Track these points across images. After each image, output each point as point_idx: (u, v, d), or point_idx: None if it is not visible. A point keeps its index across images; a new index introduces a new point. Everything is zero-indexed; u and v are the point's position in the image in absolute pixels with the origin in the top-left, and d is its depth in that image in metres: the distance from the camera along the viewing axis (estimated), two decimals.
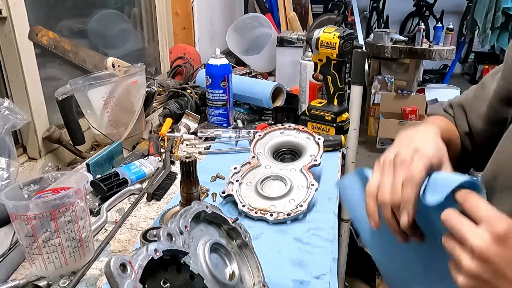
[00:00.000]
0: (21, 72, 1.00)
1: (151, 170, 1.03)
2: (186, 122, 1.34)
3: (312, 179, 0.92)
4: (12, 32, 0.97)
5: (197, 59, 1.91)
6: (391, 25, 5.89)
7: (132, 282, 0.43)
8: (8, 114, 0.90)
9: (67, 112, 1.06)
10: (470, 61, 6.01)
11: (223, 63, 1.31)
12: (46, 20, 1.13)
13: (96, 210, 0.88)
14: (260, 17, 2.14)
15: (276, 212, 0.86)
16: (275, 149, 1.04)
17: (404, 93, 3.78)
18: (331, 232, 0.83)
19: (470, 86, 0.86)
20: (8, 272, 0.70)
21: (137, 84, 1.15)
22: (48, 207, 0.63)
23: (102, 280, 0.69)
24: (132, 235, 0.82)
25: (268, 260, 0.73)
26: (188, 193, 0.76)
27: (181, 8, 1.95)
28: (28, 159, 1.07)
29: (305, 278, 0.70)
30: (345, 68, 1.22)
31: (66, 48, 1.19)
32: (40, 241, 0.64)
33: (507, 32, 4.14)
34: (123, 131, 1.15)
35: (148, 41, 1.77)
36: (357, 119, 1.41)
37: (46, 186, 0.74)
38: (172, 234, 0.51)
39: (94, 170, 0.99)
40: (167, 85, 1.54)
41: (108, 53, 1.41)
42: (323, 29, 1.19)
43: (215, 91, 1.33)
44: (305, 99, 1.45)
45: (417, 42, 3.75)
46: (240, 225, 0.66)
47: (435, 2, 5.47)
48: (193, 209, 0.58)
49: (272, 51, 1.90)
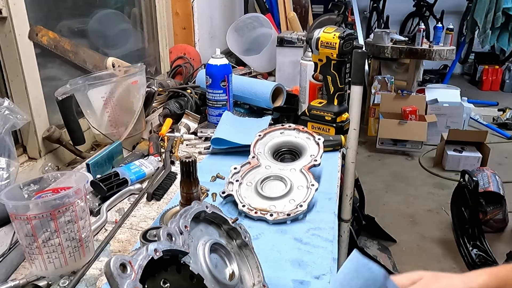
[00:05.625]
0: (21, 72, 1.00)
1: (151, 170, 1.03)
2: (186, 122, 1.34)
3: (312, 179, 0.92)
4: (12, 32, 0.97)
5: (197, 59, 1.91)
6: (391, 25, 5.90)
7: (132, 282, 0.43)
8: (8, 114, 0.90)
9: (67, 112, 1.06)
10: (470, 61, 6.02)
11: (223, 63, 1.31)
12: (46, 20, 1.13)
13: (96, 210, 0.88)
14: (260, 17, 2.14)
15: (276, 212, 0.86)
16: (275, 149, 1.04)
17: (404, 93, 3.78)
18: (331, 232, 0.83)
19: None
20: (8, 272, 0.70)
21: (137, 84, 1.15)
22: (48, 207, 0.63)
23: (102, 280, 0.69)
24: (132, 235, 0.82)
25: (268, 260, 0.73)
26: (188, 193, 0.76)
27: (181, 8, 1.95)
28: (28, 159, 1.07)
29: (305, 278, 0.70)
30: (345, 68, 1.22)
31: (66, 48, 1.19)
32: (40, 241, 0.64)
33: (507, 32, 4.15)
34: (123, 131, 1.15)
35: (148, 41, 1.77)
36: (357, 119, 1.41)
37: (46, 186, 0.74)
38: (172, 234, 0.51)
39: (94, 170, 0.99)
40: (167, 85, 1.54)
41: (108, 53, 1.41)
42: (323, 29, 1.19)
43: (215, 91, 1.33)
44: (305, 99, 1.45)
45: (417, 42, 3.75)
46: (240, 225, 0.66)
47: (435, 2, 5.47)
48: (193, 209, 0.58)
49: (272, 51, 1.90)
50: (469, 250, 2.30)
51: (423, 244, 2.47)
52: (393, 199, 2.97)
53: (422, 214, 2.77)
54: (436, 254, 2.39)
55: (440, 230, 2.61)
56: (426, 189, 3.10)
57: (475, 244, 2.32)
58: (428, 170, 3.39)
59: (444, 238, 2.53)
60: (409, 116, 3.63)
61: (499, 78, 5.61)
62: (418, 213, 2.79)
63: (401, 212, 2.80)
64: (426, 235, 2.55)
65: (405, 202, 2.93)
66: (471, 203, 2.33)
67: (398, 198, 2.98)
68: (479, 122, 4.34)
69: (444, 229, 2.61)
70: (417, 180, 3.25)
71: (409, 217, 2.75)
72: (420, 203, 2.91)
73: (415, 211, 2.81)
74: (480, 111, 4.58)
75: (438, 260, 2.33)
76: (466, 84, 5.74)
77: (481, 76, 5.66)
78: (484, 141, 3.29)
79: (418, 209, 2.83)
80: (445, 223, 2.66)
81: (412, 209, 2.83)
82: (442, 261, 2.33)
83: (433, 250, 2.43)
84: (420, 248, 2.44)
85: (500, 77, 5.60)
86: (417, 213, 2.78)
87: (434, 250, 2.43)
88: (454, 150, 3.35)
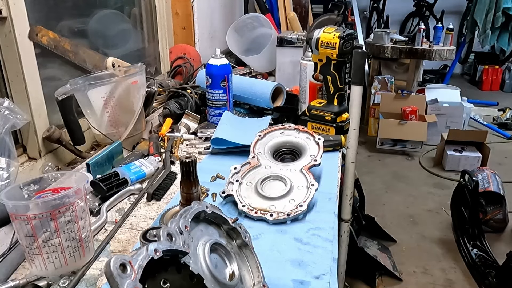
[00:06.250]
0: (21, 72, 1.00)
1: (151, 170, 1.03)
2: (186, 122, 1.34)
3: (312, 179, 0.92)
4: (12, 32, 0.97)
5: (197, 59, 1.91)
6: (391, 25, 5.90)
7: (132, 282, 0.43)
8: (8, 114, 0.90)
9: (67, 112, 1.06)
10: (470, 61, 6.02)
11: (223, 63, 1.31)
12: (46, 20, 1.13)
13: (96, 210, 0.88)
14: (260, 17, 2.14)
15: (276, 212, 0.86)
16: (275, 149, 1.04)
17: (404, 93, 3.78)
18: (331, 232, 0.83)
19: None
20: (8, 272, 0.70)
21: (137, 84, 1.15)
22: (48, 207, 0.63)
23: (102, 280, 0.69)
24: (132, 235, 0.82)
25: (268, 260, 0.73)
26: (188, 193, 0.76)
27: (181, 8, 1.95)
28: (28, 159, 1.07)
29: (305, 278, 0.70)
30: (345, 68, 1.22)
31: (66, 48, 1.19)
32: (40, 241, 0.64)
33: (507, 32, 4.15)
34: (123, 131, 1.15)
35: (148, 41, 1.77)
36: (357, 119, 1.41)
37: (46, 186, 0.74)
38: (172, 234, 0.51)
39: (94, 170, 0.99)
40: (167, 85, 1.54)
41: (108, 53, 1.41)
42: (323, 29, 1.19)
43: (215, 91, 1.33)
44: (305, 99, 1.45)
45: (417, 42, 3.75)
46: (240, 225, 0.66)
47: (435, 2, 5.47)
48: (193, 209, 0.58)
49: (272, 51, 1.90)
50: (469, 250, 2.30)
51: (423, 244, 2.47)
52: (393, 199, 2.97)
53: (422, 214, 2.77)
54: (436, 254, 2.39)
55: (440, 230, 2.61)
56: (426, 189, 3.11)
57: (475, 244, 2.32)
58: (428, 170, 3.39)
59: (444, 238, 2.53)
60: (409, 116, 3.63)
61: (499, 78, 5.61)
62: (418, 213, 2.79)
63: (401, 212, 2.81)
64: (426, 235, 2.55)
65: (405, 202, 2.93)
66: (471, 203, 2.33)
67: (398, 198, 2.98)
68: (479, 122, 4.34)
69: (444, 229, 2.61)
70: (417, 180, 3.25)
71: (409, 217, 2.75)
72: (420, 203, 2.91)
73: (415, 211, 2.81)
74: (480, 111, 4.58)
75: (438, 260, 2.33)
76: (466, 84, 5.74)
77: (481, 76, 5.66)
78: (484, 141, 3.29)
79: (418, 209, 2.83)
80: (445, 223, 2.66)
81: (412, 209, 2.83)
82: (442, 261, 2.33)
83: (433, 250, 2.43)
84: (420, 248, 2.44)
85: (500, 77, 5.61)
86: (417, 213, 2.78)
87: (434, 250, 2.43)
88: (454, 150, 3.35)
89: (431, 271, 2.24)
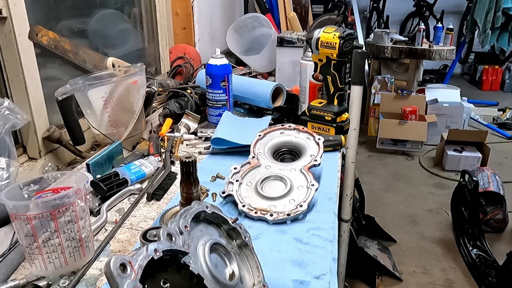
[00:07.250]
0: (21, 72, 1.00)
1: (151, 170, 1.03)
2: (186, 122, 1.34)
3: (312, 179, 0.92)
4: (12, 32, 0.97)
5: (197, 59, 1.91)
6: (391, 25, 5.90)
7: (132, 282, 0.43)
8: (8, 114, 0.90)
9: (67, 112, 1.06)
10: (470, 61, 6.02)
11: (223, 63, 1.31)
12: (46, 20, 1.13)
13: (96, 210, 0.88)
14: (260, 17, 2.14)
15: (276, 212, 0.86)
16: (275, 149, 1.04)
17: (404, 93, 3.78)
18: (331, 232, 0.83)
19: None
20: (8, 272, 0.70)
21: (137, 84, 1.15)
22: (48, 207, 0.63)
23: (102, 280, 0.69)
24: (132, 235, 0.82)
25: (268, 260, 0.73)
26: (188, 193, 0.76)
27: (181, 8, 1.95)
28: (28, 159, 1.07)
29: (305, 278, 0.70)
30: (345, 68, 1.22)
31: (66, 48, 1.19)
32: (40, 241, 0.64)
33: (507, 32, 4.15)
34: (123, 131, 1.15)
35: (148, 41, 1.77)
36: (357, 119, 1.41)
37: (46, 186, 0.74)
38: (172, 234, 0.51)
39: (94, 170, 0.99)
40: (167, 85, 1.54)
41: (108, 53, 1.41)
42: (323, 29, 1.19)
43: (215, 91, 1.33)
44: (305, 99, 1.45)
45: (417, 42, 3.75)
46: (240, 225, 0.66)
47: (435, 2, 5.47)
48: (193, 209, 0.58)
49: (272, 51, 1.90)
50: (469, 250, 2.30)
51: (423, 244, 2.47)
52: (393, 199, 2.97)
53: (422, 214, 2.77)
54: (436, 254, 2.39)
55: (440, 230, 2.61)
56: (426, 189, 3.11)
57: (475, 244, 2.32)
58: (428, 170, 3.39)
59: (444, 238, 2.53)
60: (409, 116, 3.63)
61: (499, 78, 5.61)
62: (418, 213, 2.79)
63: (401, 212, 2.81)
64: (426, 235, 2.55)
65: (405, 202, 2.93)
66: (471, 203, 2.33)
67: (398, 198, 2.98)
68: (479, 122, 4.34)
69: (444, 229, 2.61)
70: (417, 180, 3.25)
71: (409, 217, 2.75)
72: (420, 203, 2.91)
73: (415, 211, 2.81)
74: (480, 111, 4.58)
75: (438, 260, 2.33)
76: (466, 84, 5.74)
77: (481, 76, 5.66)
78: (484, 141, 3.29)
79: (418, 209, 2.83)
80: (445, 223, 2.66)
81: (412, 209, 2.83)
82: (442, 261, 2.33)
83: (433, 250, 2.43)
84: (420, 248, 2.44)
85: (500, 77, 5.61)
86: (417, 213, 2.78)
87: (434, 250, 2.43)
88: (454, 150, 3.35)
89: (431, 271, 2.24)
